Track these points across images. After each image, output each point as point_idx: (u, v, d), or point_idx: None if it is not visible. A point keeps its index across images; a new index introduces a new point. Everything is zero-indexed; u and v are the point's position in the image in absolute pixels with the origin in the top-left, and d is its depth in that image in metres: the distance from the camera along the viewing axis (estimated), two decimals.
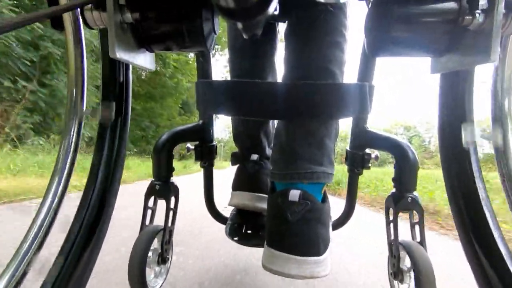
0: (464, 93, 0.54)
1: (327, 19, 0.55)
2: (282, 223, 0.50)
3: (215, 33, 0.51)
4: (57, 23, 0.55)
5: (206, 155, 0.76)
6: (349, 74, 0.63)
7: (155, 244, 0.66)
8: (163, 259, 0.66)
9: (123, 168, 0.67)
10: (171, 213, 0.68)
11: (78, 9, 0.52)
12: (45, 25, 5.06)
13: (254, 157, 0.78)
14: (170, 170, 0.69)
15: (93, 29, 0.45)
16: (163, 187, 0.67)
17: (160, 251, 0.66)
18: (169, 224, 0.68)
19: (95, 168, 0.61)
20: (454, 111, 0.55)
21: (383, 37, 0.46)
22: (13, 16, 0.38)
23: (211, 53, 0.72)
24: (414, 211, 0.60)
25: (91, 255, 0.58)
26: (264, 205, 0.74)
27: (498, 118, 0.48)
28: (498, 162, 0.47)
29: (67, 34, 0.58)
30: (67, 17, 0.57)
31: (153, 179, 0.68)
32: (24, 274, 0.48)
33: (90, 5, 0.42)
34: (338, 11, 0.56)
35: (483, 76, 0.54)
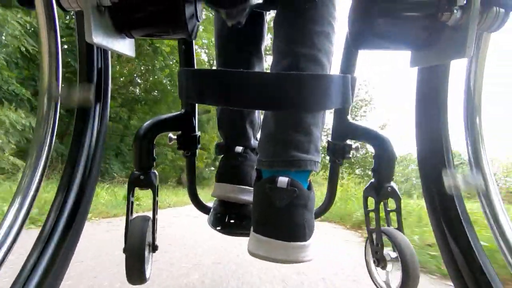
0: (440, 123, 0.56)
1: (316, 8, 0.55)
2: (269, 209, 0.50)
3: (198, 20, 0.49)
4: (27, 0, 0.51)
5: (188, 145, 0.75)
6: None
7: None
8: (153, 247, 0.66)
9: (102, 157, 0.65)
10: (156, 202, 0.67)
11: None
12: None
13: (239, 149, 0.78)
14: (152, 159, 0.68)
15: (67, 11, 0.43)
16: (147, 177, 0.66)
17: (151, 240, 0.65)
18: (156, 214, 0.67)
19: (74, 154, 0.59)
20: (432, 126, 0.57)
21: (365, 29, 0.46)
22: None
23: (193, 41, 0.70)
24: (392, 199, 0.63)
25: (70, 248, 0.56)
26: (247, 197, 0.74)
27: (475, 159, 0.48)
28: (483, 206, 0.47)
29: (39, 14, 0.54)
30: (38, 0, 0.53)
31: (135, 169, 0.67)
32: None
33: None
34: (327, 1, 0.56)
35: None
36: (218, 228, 0.76)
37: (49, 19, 0.54)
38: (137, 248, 0.58)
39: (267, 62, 0.87)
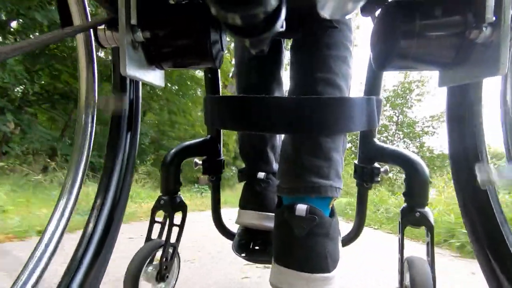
0: (474, 130, 0.55)
1: (332, 34, 0.56)
2: (289, 239, 0.49)
3: (223, 50, 0.52)
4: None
5: (213, 170, 0.76)
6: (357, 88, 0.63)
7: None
8: (161, 276, 0.65)
9: (130, 188, 0.68)
10: (175, 228, 0.68)
11: (91, 30, 0.54)
12: None
13: (261, 175, 0.78)
14: (178, 184, 0.69)
15: (105, 48, 0.47)
16: (167, 202, 0.67)
17: (158, 268, 0.64)
18: (171, 240, 0.67)
19: (111, 160, 0.63)
20: (466, 144, 0.56)
21: (389, 52, 0.46)
22: (31, 38, 0.39)
23: (219, 69, 0.73)
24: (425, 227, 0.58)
25: (108, 250, 0.59)
26: (271, 224, 0.73)
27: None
28: None
29: (79, 53, 0.60)
30: (79, 36, 0.59)
31: (161, 193, 0.68)
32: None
33: (103, 25, 0.44)
34: (343, 26, 0.57)
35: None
36: (243, 254, 0.74)
37: (88, 57, 0.60)
38: (130, 272, 0.58)
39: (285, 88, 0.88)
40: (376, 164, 0.69)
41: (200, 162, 0.76)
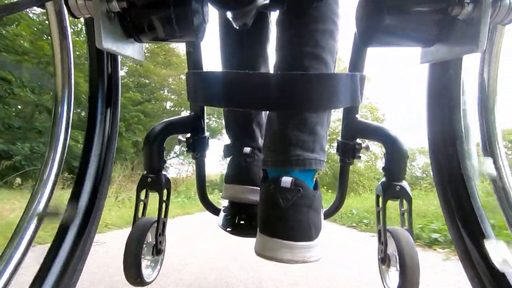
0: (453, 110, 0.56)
1: (319, 7, 0.55)
2: (274, 210, 0.50)
3: (206, 22, 0.50)
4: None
5: (198, 147, 0.76)
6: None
7: (148, 237, 0.66)
8: (157, 250, 0.67)
9: (113, 162, 0.66)
10: (163, 205, 0.68)
11: None
12: None
13: (247, 150, 0.78)
14: (162, 162, 0.68)
15: (78, 18, 0.44)
16: (155, 180, 0.67)
17: (154, 242, 0.66)
18: (162, 216, 0.68)
19: (85, 163, 0.60)
20: (444, 121, 0.57)
21: (374, 27, 0.46)
22: None
23: (201, 43, 0.70)
24: (404, 200, 0.62)
25: (81, 255, 0.58)
26: (256, 198, 0.74)
27: (487, 140, 0.49)
28: (497, 195, 0.47)
29: (51, 25, 0.56)
30: (50, 7, 0.54)
31: (145, 171, 0.68)
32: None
33: None
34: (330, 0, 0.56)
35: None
36: (229, 229, 0.76)
37: (60, 26, 0.56)
38: (132, 249, 0.59)
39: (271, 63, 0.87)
40: (358, 140, 0.71)
41: (184, 139, 0.75)
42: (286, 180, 0.50)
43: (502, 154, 0.47)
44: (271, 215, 0.51)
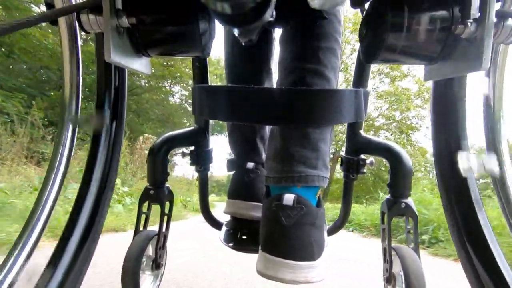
0: (458, 115, 0.56)
1: (322, 25, 0.56)
2: (276, 228, 0.49)
3: (212, 38, 0.51)
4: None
5: (201, 161, 0.76)
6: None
7: (149, 249, 0.65)
8: (157, 264, 0.65)
9: (117, 173, 0.66)
10: (165, 218, 0.67)
11: (74, 13, 0.52)
12: None
13: (250, 165, 0.78)
14: (165, 175, 0.68)
15: (88, 33, 0.45)
16: (157, 192, 0.66)
17: (154, 256, 0.65)
18: (163, 229, 0.67)
19: (89, 172, 0.61)
20: (449, 136, 0.57)
21: (377, 44, 0.46)
22: (10, 21, 0.37)
23: (207, 58, 0.72)
24: (409, 217, 0.61)
25: (84, 262, 0.58)
26: (259, 214, 0.73)
27: (491, 144, 0.49)
28: (498, 193, 0.48)
29: (63, 39, 0.58)
30: (62, 21, 0.56)
31: (148, 184, 0.68)
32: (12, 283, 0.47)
33: (86, 9, 0.42)
34: (332, 18, 0.57)
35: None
36: (230, 244, 0.74)
37: (72, 43, 0.57)
38: (131, 264, 0.58)
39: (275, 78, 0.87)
40: (362, 156, 0.70)
41: (188, 152, 0.75)
42: (289, 198, 0.49)
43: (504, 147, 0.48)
44: (273, 233, 0.50)
